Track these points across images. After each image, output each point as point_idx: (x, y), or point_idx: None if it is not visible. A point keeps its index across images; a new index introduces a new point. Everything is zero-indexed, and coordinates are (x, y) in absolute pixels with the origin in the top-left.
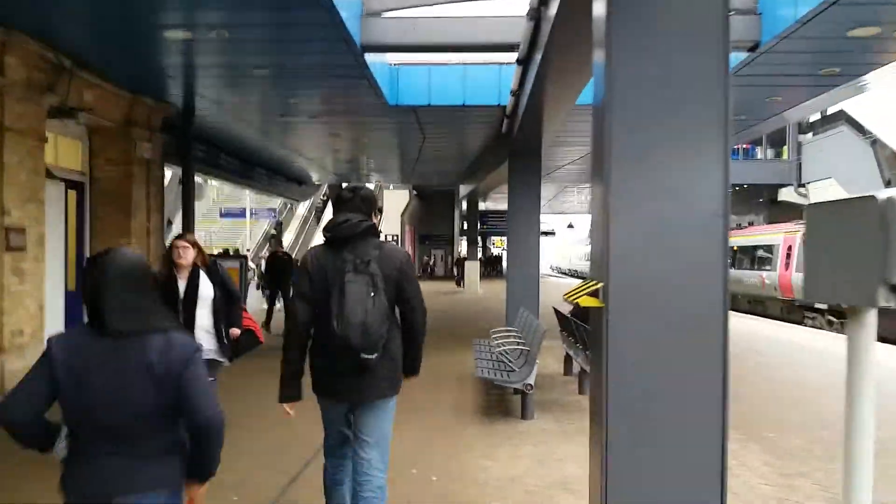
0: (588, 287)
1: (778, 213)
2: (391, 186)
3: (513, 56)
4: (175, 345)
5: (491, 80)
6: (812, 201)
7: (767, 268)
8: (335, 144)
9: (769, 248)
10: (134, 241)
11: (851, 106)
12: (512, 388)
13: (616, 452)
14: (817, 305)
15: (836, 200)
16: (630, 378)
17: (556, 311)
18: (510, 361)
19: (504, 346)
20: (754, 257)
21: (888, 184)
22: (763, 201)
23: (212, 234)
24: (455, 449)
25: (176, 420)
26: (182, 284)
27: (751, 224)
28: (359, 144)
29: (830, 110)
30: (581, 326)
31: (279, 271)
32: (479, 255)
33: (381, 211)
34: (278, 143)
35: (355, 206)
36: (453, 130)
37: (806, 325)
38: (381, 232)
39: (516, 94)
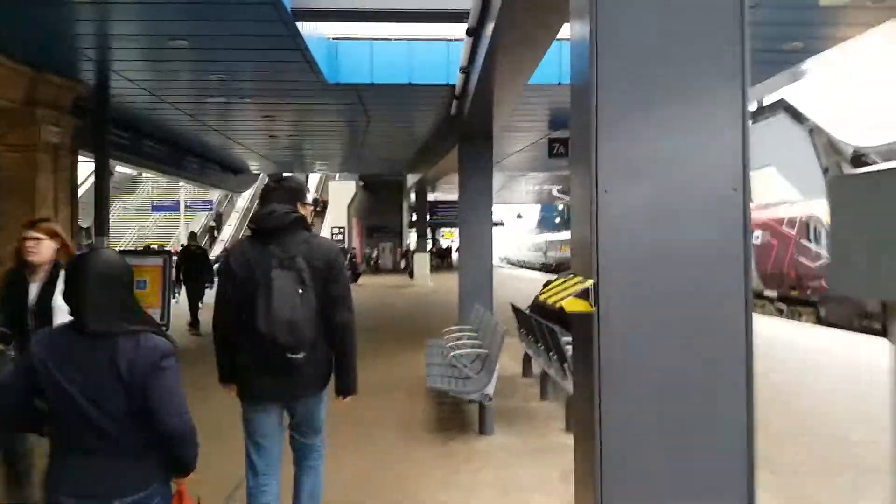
0: (571, 285)
1: None
2: (337, 177)
3: (462, 28)
4: (143, 350)
5: (439, 57)
6: (754, 189)
7: None
8: (271, 129)
9: None
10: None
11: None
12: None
13: (612, 485)
14: (767, 293)
15: (874, 171)
16: (631, 400)
17: (514, 308)
18: (465, 367)
19: (458, 349)
20: None
21: (826, 171)
22: None
23: (146, 229)
24: (405, 478)
25: (144, 419)
26: (34, 289)
27: None
28: (297, 129)
29: (767, 100)
30: (543, 325)
31: (192, 267)
32: (430, 246)
33: (324, 204)
34: (209, 129)
35: (282, 196)
36: (399, 112)
37: (755, 312)
38: (312, 224)
39: (466, 70)
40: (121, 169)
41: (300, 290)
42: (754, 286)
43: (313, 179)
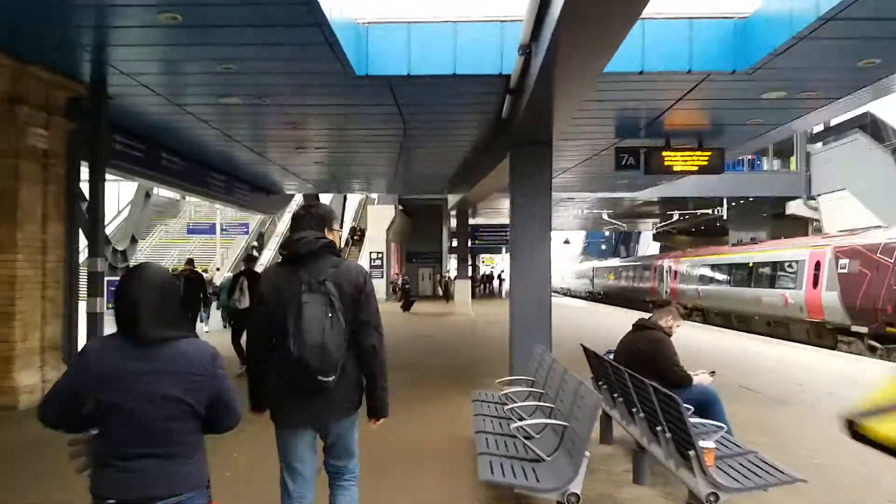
0: None
1: (782, 228)
2: (376, 201)
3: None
4: (203, 350)
5: (490, 41)
6: (824, 214)
7: (791, 286)
8: (299, 140)
9: (793, 265)
10: (21, 257)
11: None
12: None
13: None
14: (855, 329)
15: None
16: None
17: (588, 351)
18: (533, 445)
19: (520, 413)
20: (774, 274)
21: None
22: (766, 216)
23: (186, 253)
24: None
25: (197, 419)
26: None
27: (753, 241)
28: (327, 139)
29: (835, 121)
30: (635, 380)
31: (187, 293)
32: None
33: (362, 232)
34: (230, 140)
35: (310, 223)
36: (441, 114)
37: (841, 351)
38: (349, 252)
39: (527, 50)
40: (164, 193)
41: (329, 314)
42: (837, 320)
43: (352, 205)
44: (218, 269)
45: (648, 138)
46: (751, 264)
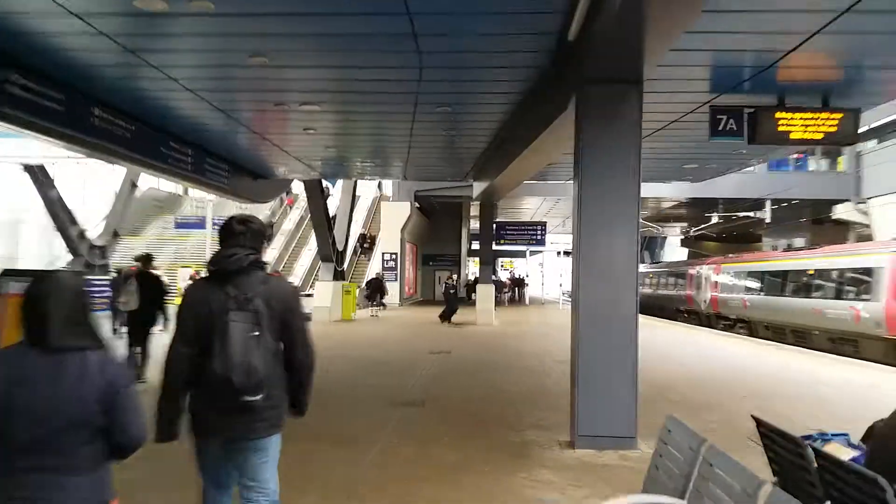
0: None
1: (823, 234)
2: (391, 198)
3: None
4: (113, 363)
5: None
6: (875, 219)
7: (865, 297)
8: (283, 94)
9: (868, 273)
10: None
11: None
12: None
13: None
14: None
15: None
16: None
17: (762, 426)
18: None
19: None
20: (842, 284)
21: None
22: (805, 220)
23: (183, 251)
24: None
25: (101, 434)
26: None
27: (789, 247)
28: (325, 93)
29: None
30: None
31: (144, 296)
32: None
33: (372, 239)
34: (186, 91)
35: (245, 240)
36: (472, 42)
37: None
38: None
39: None
40: (165, 186)
41: (256, 332)
42: None
43: (361, 210)
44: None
45: (754, 94)
46: (811, 271)
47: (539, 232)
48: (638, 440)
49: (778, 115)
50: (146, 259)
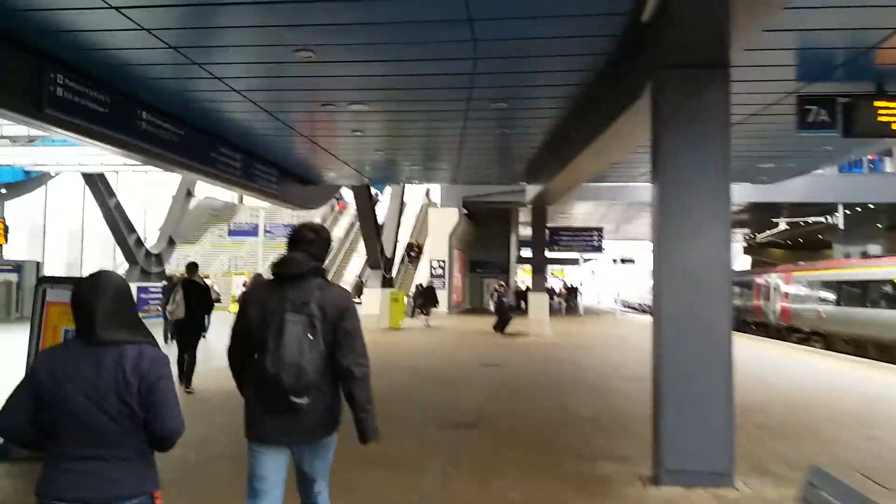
0: None
1: None
2: (439, 204)
3: None
4: (148, 356)
5: None
6: None
7: None
8: (319, 83)
9: None
10: None
11: None
12: None
13: None
14: None
15: None
16: None
17: None
18: None
19: None
20: None
21: None
22: (882, 226)
23: (236, 259)
24: None
25: (142, 425)
26: None
27: (864, 254)
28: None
29: None
30: None
31: (190, 306)
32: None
33: (419, 249)
34: (234, 92)
35: (312, 246)
36: (528, 29)
37: None
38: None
39: None
40: (221, 195)
41: (310, 336)
42: None
43: (409, 220)
44: (259, 275)
45: (848, 82)
46: None
47: (596, 238)
48: (734, 476)
49: (877, 103)
50: (191, 267)
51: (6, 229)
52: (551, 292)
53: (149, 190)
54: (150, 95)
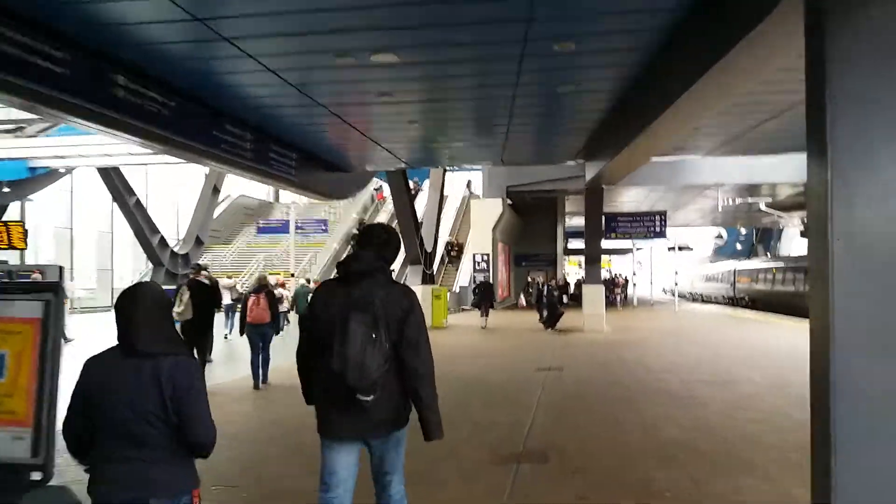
0: None
1: None
2: (481, 196)
3: None
4: (181, 367)
5: None
6: None
7: None
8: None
9: None
10: None
11: None
12: None
13: None
14: None
15: None
16: None
17: None
18: None
19: None
20: None
21: None
22: None
23: (272, 258)
24: None
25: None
26: None
27: None
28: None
29: None
30: None
31: (199, 307)
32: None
33: (460, 247)
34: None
35: (383, 248)
36: None
37: None
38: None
39: None
40: (255, 194)
41: (374, 335)
42: None
43: (448, 217)
44: (293, 275)
45: None
46: None
47: (658, 222)
48: None
49: None
50: (197, 269)
51: (25, 233)
52: (611, 283)
53: (180, 190)
54: (128, 53)
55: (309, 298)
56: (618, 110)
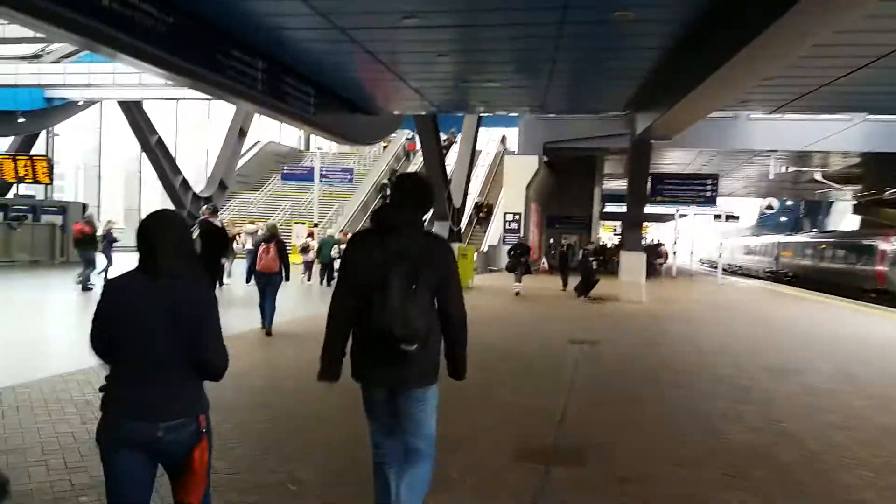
0: None
1: None
2: (516, 152)
3: None
4: (198, 293)
5: None
6: None
7: None
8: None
9: None
10: None
11: None
12: None
13: None
14: None
15: None
16: None
17: None
18: None
19: None
20: None
21: None
22: None
23: (299, 206)
24: None
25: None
26: None
27: None
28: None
29: None
30: None
31: (207, 253)
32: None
33: (489, 208)
34: None
35: (419, 199)
36: None
37: None
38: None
39: None
40: (287, 140)
41: (414, 286)
42: None
43: (478, 179)
44: (316, 225)
45: None
46: None
47: (710, 187)
48: None
49: None
50: (213, 209)
51: (51, 168)
52: (653, 250)
53: (211, 135)
54: None
55: (334, 250)
56: (680, 51)
